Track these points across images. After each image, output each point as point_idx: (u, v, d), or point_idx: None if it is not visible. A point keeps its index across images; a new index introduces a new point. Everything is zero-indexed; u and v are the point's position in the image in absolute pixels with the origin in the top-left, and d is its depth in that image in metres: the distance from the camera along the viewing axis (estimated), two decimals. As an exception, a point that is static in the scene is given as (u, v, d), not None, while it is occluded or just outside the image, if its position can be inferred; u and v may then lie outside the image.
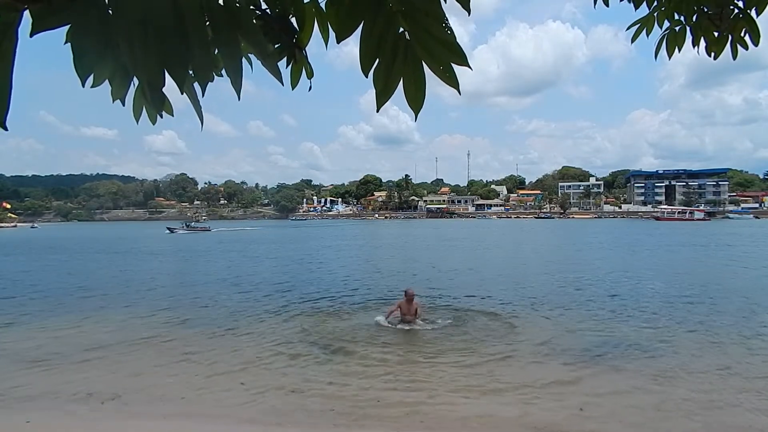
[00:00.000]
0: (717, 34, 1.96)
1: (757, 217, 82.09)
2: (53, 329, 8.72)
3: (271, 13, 1.13)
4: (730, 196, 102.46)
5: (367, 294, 12.12)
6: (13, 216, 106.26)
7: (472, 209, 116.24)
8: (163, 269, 19.58)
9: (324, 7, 1.14)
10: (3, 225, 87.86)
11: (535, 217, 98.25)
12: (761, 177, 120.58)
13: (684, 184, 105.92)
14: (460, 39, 0.97)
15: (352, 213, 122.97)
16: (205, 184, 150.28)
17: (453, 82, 1.00)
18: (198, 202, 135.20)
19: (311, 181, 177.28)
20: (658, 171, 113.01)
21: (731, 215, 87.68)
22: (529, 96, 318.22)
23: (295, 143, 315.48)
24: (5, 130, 0.84)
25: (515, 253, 25.32)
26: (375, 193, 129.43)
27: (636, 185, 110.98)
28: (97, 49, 0.89)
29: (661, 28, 2.05)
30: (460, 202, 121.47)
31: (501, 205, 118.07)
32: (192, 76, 0.97)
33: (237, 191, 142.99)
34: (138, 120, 1.22)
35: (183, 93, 0.96)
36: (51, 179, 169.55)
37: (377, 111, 1.08)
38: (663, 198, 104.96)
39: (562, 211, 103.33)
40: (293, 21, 1.16)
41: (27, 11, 0.81)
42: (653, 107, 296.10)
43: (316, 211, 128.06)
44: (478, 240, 35.59)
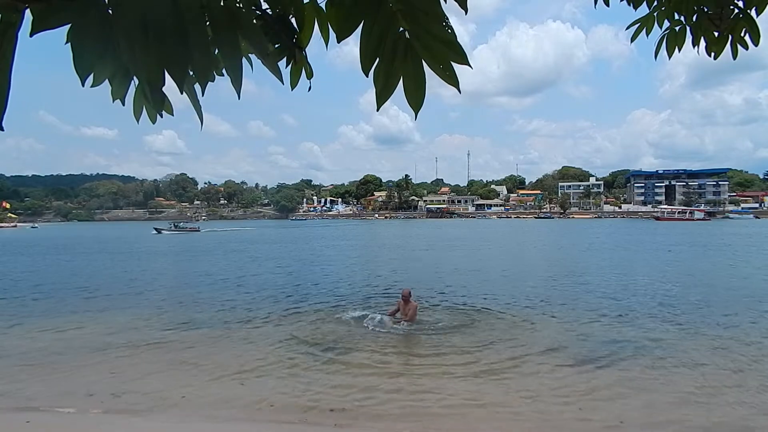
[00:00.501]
0: (717, 34, 1.96)
1: (757, 217, 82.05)
2: (54, 329, 8.72)
3: (271, 13, 1.13)
4: (730, 196, 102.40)
5: (368, 295, 12.12)
6: (13, 216, 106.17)
7: (472, 209, 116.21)
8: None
9: (324, 7, 1.14)
10: (3, 225, 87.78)
11: (535, 217, 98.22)
12: (761, 177, 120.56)
13: (684, 184, 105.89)
14: (460, 39, 0.97)
15: (352, 213, 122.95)
16: (205, 184, 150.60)
17: (453, 81, 1.00)
18: (198, 202, 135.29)
19: (311, 181, 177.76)
20: (658, 171, 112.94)
21: (731, 215, 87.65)
22: (530, 96, 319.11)
23: (295, 143, 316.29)
24: (1, 130, 0.84)
25: (517, 253, 25.31)
26: (375, 193, 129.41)
27: (636, 185, 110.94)
28: (97, 48, 0.89)
29: (661, 27, 2.05)
30: (460, 202, 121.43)
31: (501, 205, 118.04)
32: (192, 75, 0.97)
33: (237, 191, 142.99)
34: (138, 119, 1.22)
35: (183, 93, 0.96)
36: (51, 179, 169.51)
37: (377, 110, 1.08)
38: (663, 198, 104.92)
39: (562, 211, 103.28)
40: (293, 21, 1.16)
41: (27, 11, 0.81)
42: (653, 107, 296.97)
43: (316, 211, 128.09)
44: (479, 240, 35.56)
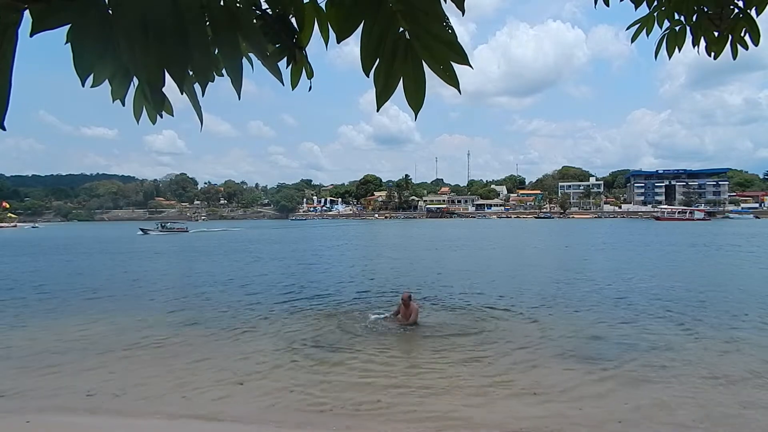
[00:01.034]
0: (717, 33, 1.96)
1: (757, 217, 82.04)
2: (54, 330, 8.72)
3: (271, 13, 1.13)
4: (730, 196, 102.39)
5: (369, 295, 12.12)
6: (13, 216, 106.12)
7: (472, 209, 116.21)
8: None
9: (324, 7, 1.14)
10: (3, 225, 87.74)
11: (535, 217, 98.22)
12: (761, 177, 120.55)
13: (684, 184, 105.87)
14: (460, 39, 0.97)
15: (352, 213, 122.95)
16: (205, 184, 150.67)
17: (453, 81, 1.00)
18: (198, 202, 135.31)
19: (311, 181, 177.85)
20: (658, 171, 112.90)
21: (731, 215, 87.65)
22: (530, 96, 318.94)
23: (295, 143, 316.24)
24: (3, 130, 0.83)
25: (517, 253, 25.30)
26: (375, 193, 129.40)
27: (636, 185, 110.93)
28: (97, 48, 0.88)
29: (661, 27, 2.05)
30: (460, 202, 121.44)
31: (501, 205, 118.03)
32: (192, 76, 0.97)
33: (237, 191, 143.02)
34: (138, 120, 1.22)
35: (183, 93, 0.96)
36: (51, 179, 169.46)
37: (377, 110, 1.08)
38: (663, 198, 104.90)
39: (562, 211, 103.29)
40: (293, 21, 1.16)
41: (27, 11, 0.81)
42: (653, 107, 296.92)
43: (316, 211, 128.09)
44: (479, 240, 35.57)
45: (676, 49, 2.03)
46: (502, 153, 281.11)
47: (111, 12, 0.84)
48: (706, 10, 1.93)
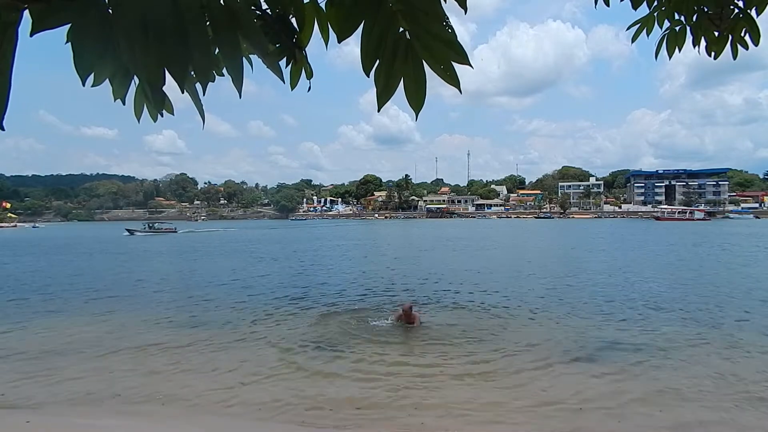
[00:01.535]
0: (717, 33, 1.96)
1: (757, 217, 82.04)
2: (55, 330, 8.72)
3: (271, 13, 1.12)
4: (730, 196, 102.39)
5: (369, 295, 12.11)
6: (13, 216, 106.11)
7: (472, 209, 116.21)
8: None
9: (324, 7, 1.14)
10: (3, 225, 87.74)
11: (535, 217, 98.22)
12: (761, 177, 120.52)
13: (684, 184, 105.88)
14: (460, 39, 0.97)
15: (352, 213, 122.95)
16: (205, 184, 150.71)
17: (454, 80, 1.00)
18: (198, 202, 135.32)
19: (311, 181, 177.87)
20: (658, 171, 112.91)
21: (731, 215, 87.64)
22: (530, 96, 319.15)
23: (295, 143, 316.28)
24: (3, 130, 0.83)
25: (518, 253, 25.30)
26: (375, 193, 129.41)
27: (636, 185, 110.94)
28: (97, 48, 0.88)
29: (661, 28, 2.05)
30: (460, 202, 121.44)
31: (501, 205, 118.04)
32: (193, 75, 0.97)
33: (237, 191, 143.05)
34: (139, 119, 1.22)
35: (184, 92, 0.96)
36: (51, 179, 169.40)
37: (378, 111, 1.08)
38: (663, 198, 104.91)
39: (562, 211, 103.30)
40: (293, 21, 1.16)
41: (27, 11, 0.81)
42: (653, 107, 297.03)
43: (316, 211, 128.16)
44: (480, 240, 35.55)
45: (676, 49, 2.03)
46: (502, 153, 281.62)
47: (111, 12, 0.84)
48: (706, 10, 1.93)
